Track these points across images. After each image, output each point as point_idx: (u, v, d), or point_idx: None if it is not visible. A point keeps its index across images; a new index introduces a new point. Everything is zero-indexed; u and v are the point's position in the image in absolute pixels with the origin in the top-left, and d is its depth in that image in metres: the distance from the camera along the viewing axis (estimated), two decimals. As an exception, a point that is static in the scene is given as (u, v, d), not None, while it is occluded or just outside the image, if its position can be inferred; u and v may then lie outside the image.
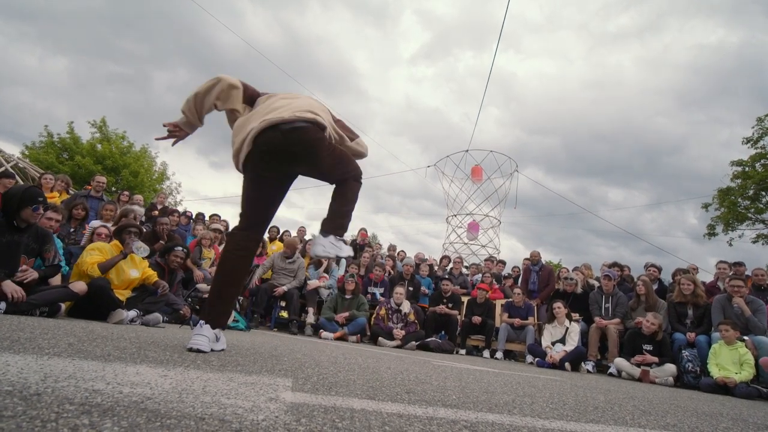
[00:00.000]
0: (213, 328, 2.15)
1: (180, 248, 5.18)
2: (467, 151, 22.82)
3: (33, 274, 3.30)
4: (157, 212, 7.72)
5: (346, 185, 2.26)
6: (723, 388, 4.59)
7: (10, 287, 3.07)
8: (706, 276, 8.84)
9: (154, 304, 4.13)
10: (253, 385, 1.40)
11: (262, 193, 2.35)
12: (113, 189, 20.08)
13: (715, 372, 4.79)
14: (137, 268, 4.19)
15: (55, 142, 21.03)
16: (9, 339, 1.69)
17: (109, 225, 5.16)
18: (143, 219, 7.13)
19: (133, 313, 3.80)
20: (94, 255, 3.87)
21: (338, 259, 2.35)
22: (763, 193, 17.48)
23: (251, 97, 2.37)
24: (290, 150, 2.16)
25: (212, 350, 2.15)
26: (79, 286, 3.56)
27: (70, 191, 7.35)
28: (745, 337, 5.03)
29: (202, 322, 2.14)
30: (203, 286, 5.47)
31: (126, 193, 8.45)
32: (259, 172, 2.26)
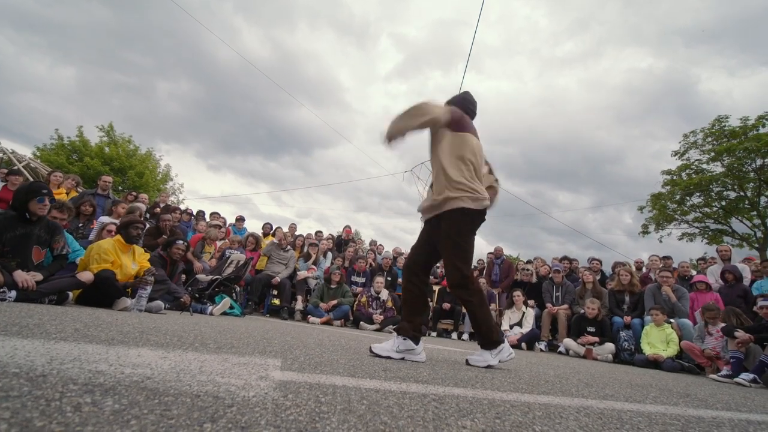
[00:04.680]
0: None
1: (181, 242, 5.03)
2: (440, 158, 22.95)
3: (31, 282, 2.98)
4: (159, 209, 7.49)
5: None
6: (653, 363, 4.76)
7: (21, 276, 2.94)
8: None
9: (156, 293, 4.01)
10: (246, 365, 1.37)
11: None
12: (120, 188, 19.43)
13: (647, 349, 4.96)
14: (136, 261, 4.05)
15: (65, 144, 20.21)
16: (18, 325, 1.62)
17: (117, 222, 4.98)
18: (147, 216, 6.91)
19: (136, 301, 3.67)
20: (101, 263, 3.64)
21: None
22: (688, 198, 18.21)
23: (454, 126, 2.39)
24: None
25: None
26: (86, 276, 3.42)
27: (79, 189, 7.05)
28: (671, 320, 5.22)
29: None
30: (202, 277, 5.35)
31: (134, 193, 8.23)
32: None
